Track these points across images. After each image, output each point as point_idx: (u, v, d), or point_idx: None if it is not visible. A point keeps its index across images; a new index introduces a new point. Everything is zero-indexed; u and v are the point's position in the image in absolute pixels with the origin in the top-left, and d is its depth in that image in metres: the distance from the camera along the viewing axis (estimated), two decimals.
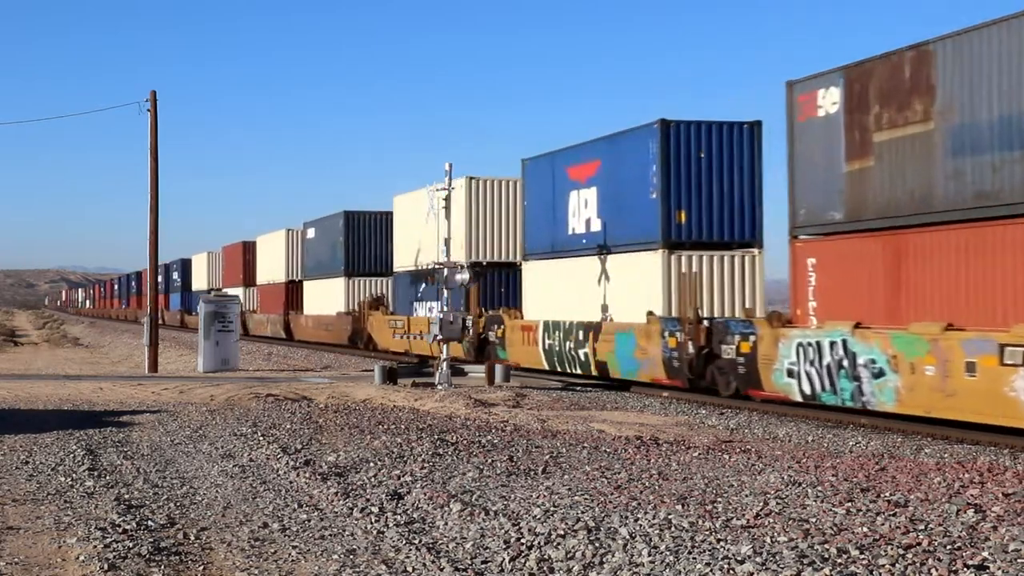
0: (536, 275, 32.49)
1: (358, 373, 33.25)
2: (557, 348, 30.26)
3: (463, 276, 27.73)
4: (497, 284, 36.98)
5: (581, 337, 28.99)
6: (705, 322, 24.55)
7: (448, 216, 28.67)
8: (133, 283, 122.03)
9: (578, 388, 28.09)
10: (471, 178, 36.86)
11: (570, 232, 30.33)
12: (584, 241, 29.56)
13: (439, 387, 26.35)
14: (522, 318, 32.81)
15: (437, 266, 28.80)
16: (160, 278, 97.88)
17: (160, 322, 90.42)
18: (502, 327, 33.77)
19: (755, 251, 26.59)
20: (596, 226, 29.01)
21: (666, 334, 25.29)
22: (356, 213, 51.68)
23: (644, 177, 26.88)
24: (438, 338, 27.43)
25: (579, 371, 29.21)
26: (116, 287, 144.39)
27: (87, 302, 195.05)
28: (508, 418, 19.82)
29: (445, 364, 27.31)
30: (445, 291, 28.08)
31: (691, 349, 24.34)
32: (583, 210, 29.61)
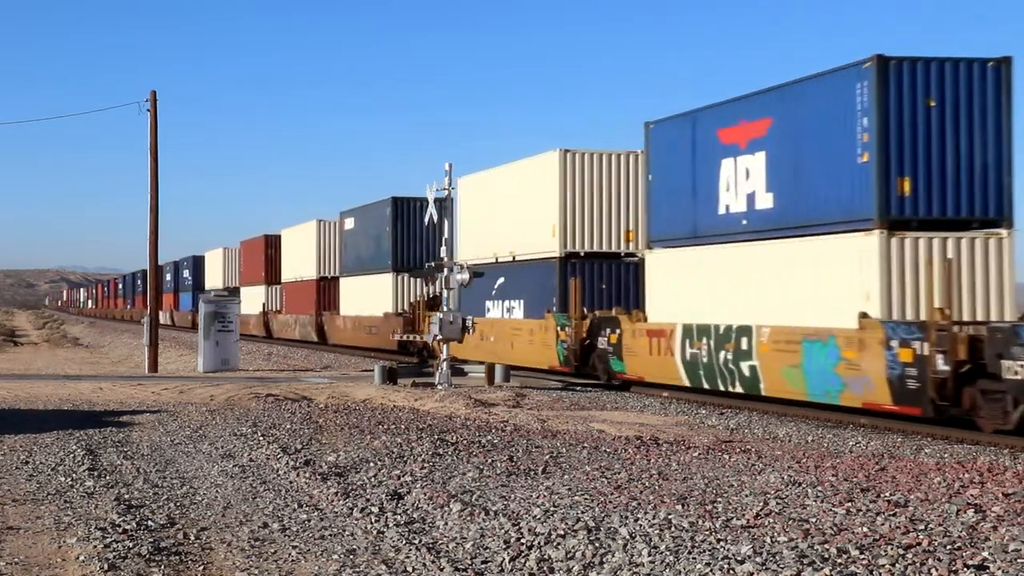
0: (666, 267, 26.16)
1: (358, 373, 33.25)
2: (705, 359, 23.99)
3: (463, 276, 27.73)
4: (596, 279, 30.67)
5: (744, 346, 22.75)
6: (965, 329, 18.18)
7: (449, 215, 28.62)
8: (139, 282, 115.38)
9: (578, 388, 28.08)
10: (565, 151, 30.85)
11: (722, 211, 23.99)
12: (745, 222, 23.29)
13: (439, 387, 26.35)
14: (646, 320, 26.73)
15: (435, 265, 28.80)
16: (168, 277, 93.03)
17: (170, 323, 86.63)
18: (617, 331, 27.59)
19: (1002, 232, 19.99)
20: (764, 202, 22.68)
21: (893, 344, 18.74)
22: (407, 199, 43.69)
23: (847, 135, 20.46)
24: (438, 338, 27.44)
25: (738, 388, 23.14)
26: (120, 286, 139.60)
27: (89, 302, 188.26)
28: (508, 418, 19.82)
29: (445, 364, 27.31)
30: (446, 291, 28.09)
31: (942, 365, 17.77)
32: (742, 183, 23.37)
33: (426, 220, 31.22)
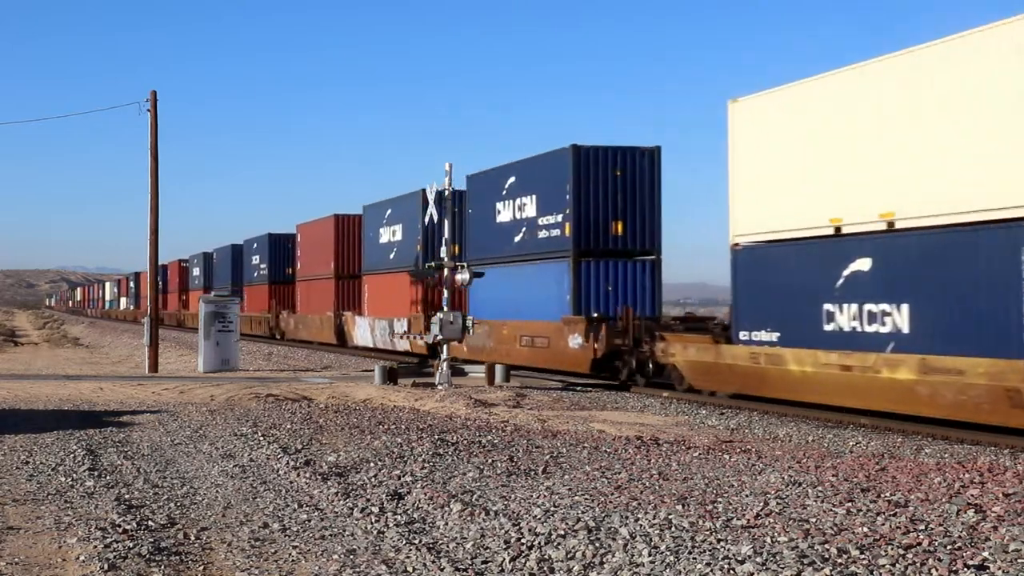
0: None
1: (358, 373, 33.25)
2: None
3: (463, 276, 27.74)
4: None
5: None
6: None
7: (449, 215, 28.59)
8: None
9: (578, 388, 28.09)
10: None
11: None
12: None
13: (439, 387, 26.36)
14: None
15: (435, 265, 28.80)
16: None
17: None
18: None
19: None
20: None
21: None
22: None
23: None
24: (438, 338, 27.45)
25: None
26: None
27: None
28: (508, 418, 19.83)
29: (445, 364, 27.32)
30: (446, 291, 28.10)
31: None
32: None
33: (426, 220, 31.29)
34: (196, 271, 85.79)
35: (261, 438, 15.95)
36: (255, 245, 66.65)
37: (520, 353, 32.18)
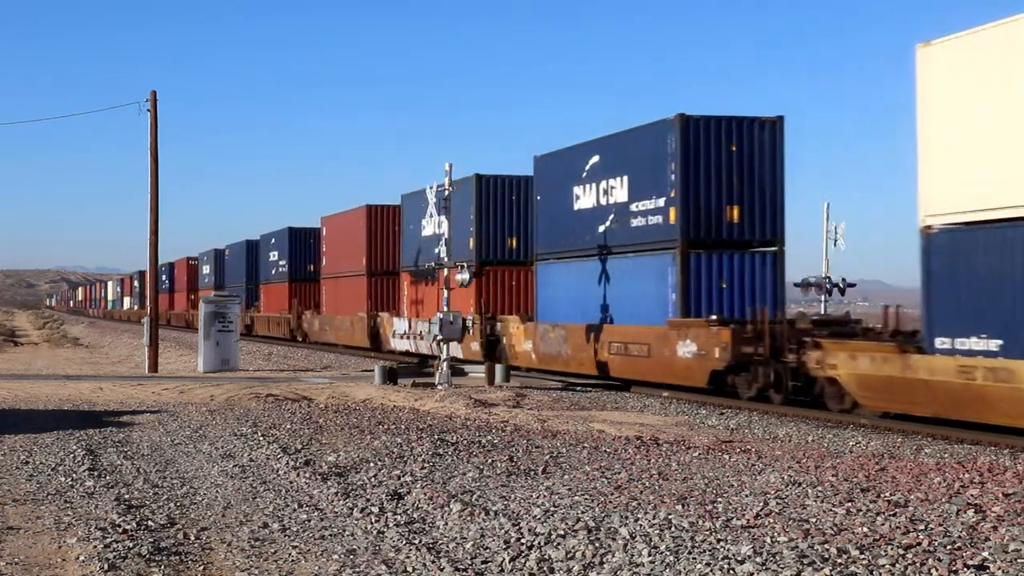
0: None
1: (358, 373, 33.24)
2: None
3: (463, 276, 27.75)
4: None
5: None
6: None
7: (449, 214, 28.60)
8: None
9: (578, 388, 28.08)
10: None
11: None
12: None
13: (439, 387, 26.37)
14: None
15: (435, 265, 28.80)
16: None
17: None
18: None
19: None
20: None
21: None
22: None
23: None
24: (438, 338, 27.46)
25: None
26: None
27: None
28: (508, 418, 19.83)
29: (445, 364, 27.32)
30: (445, 291, 28.11)
31: None
32: None
33: (426, 219, 31.22)
34: (206, 269, 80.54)
35: (261, 438, 15.95)
36: (273, 240, 62.03)
37: (611, 363, 27.78)
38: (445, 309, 27.70)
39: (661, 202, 26.23)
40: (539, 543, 8.92)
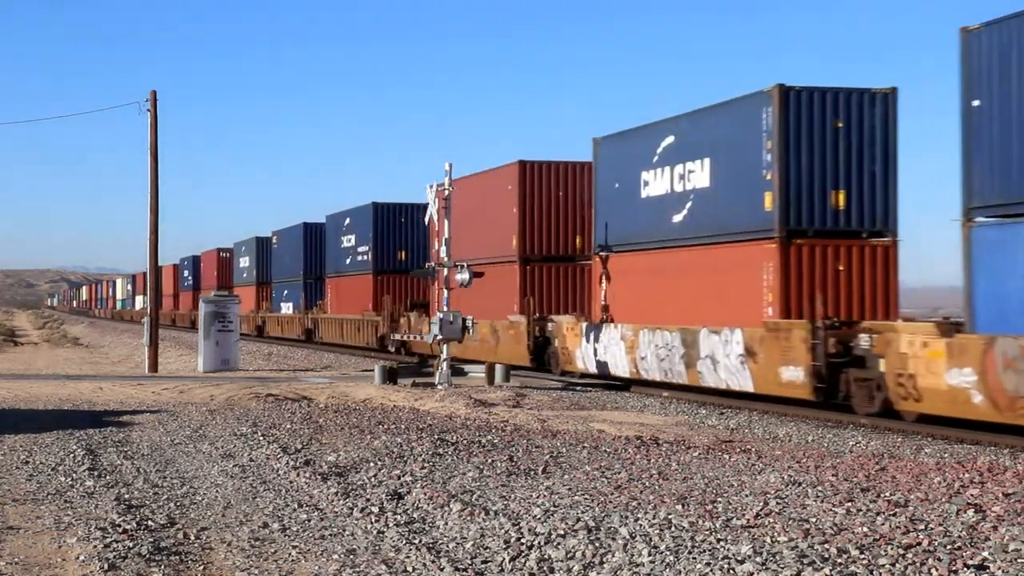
0: None
1: (358, 373, 33.25)
2: None
3: (463, 276, 27.77)
4: None
5: None
6: None
7: (448, 216, 28.60)
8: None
9: (578, 388, 28.08)
10: None
11: None
12: None
13: (439, 387, 26.38)
14: None
15: (436, 266, 28.79)
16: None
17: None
18: None
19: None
20: None
21: None
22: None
23: None
24: (438, 338, 27.48)
25: None
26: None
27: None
28: (508, 418, 19.83)
29: (445, 364, 27.33)
30: (445, 291, 28.12)
31: None
32: None
33: (426, 220, 31.17)
34: (244, 261, 68.34)
35: (261, 438, 15.95)
36: (347, 221, 49.45)
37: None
38: (445, 309, 27.72)
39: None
40: (539, 543, 8.92)
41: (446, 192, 28.34)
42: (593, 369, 28.61)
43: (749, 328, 22.65)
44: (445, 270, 28.10)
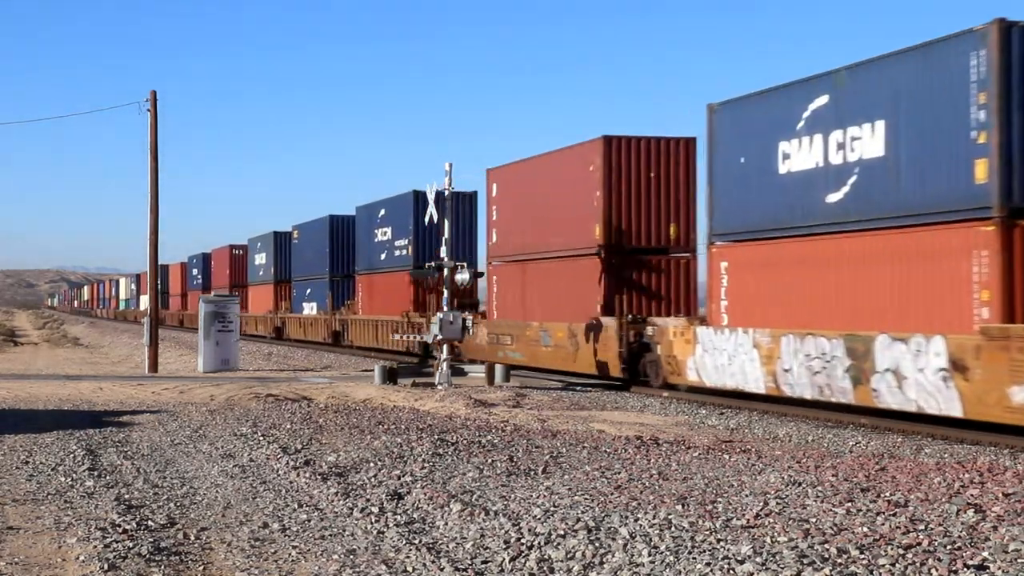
0: None
1: (358, 373, 33.25)
2: None
3: (463, 276, 27.77)
4: None
5: None
6: None
7: (450, 215, 28.59)
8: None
9: (578, 388, 28.07)
10: None
11: None
12: None
13: (439, 387, 26.38)
14: None
15: (435, 265, 28.79)
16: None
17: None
18: None
19: None
20: None
21: None
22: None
23: None
24: (438, 338, 27.48)
25: None
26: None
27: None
28: (508, 418, 19.83)
29: (445, 364, 27.34)
30: (446, 291, 28.12)
31: None
32: None
33: (426, 220, 31.15)
34: (260, 258, 63.37)
35: (261, 438, 15.95)
36: (382, 213, 44.31)
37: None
38: (445, 309, 27.72)
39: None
40: (539, 543, 8.93)
41: (447, 192, 28.37)
42: (710, 382, 23.92)
43: (956, 336, 17.49)
44: (446, 270, 28.11)
